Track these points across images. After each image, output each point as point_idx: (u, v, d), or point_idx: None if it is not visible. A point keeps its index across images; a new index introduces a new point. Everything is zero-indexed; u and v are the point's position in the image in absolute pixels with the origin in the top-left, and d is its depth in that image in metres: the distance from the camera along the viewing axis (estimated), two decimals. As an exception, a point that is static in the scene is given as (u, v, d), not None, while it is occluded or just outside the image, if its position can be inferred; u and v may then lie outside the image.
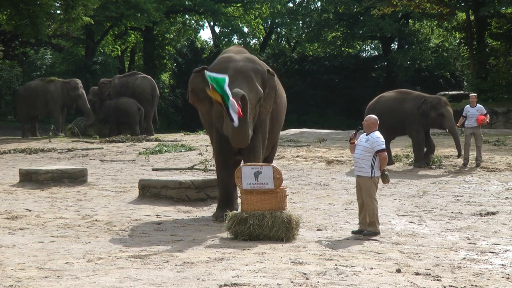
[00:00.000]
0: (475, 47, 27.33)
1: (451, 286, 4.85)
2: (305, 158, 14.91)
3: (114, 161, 15.35)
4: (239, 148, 8.02)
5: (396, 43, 42.86)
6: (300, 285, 4.72)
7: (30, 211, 8.57)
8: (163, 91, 36.24)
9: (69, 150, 17.80)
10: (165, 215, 8.50)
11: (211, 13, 40.29)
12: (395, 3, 26.76)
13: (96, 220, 8.01)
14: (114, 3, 33.49)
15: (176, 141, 20.24)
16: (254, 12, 42.19)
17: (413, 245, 6.56)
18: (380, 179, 7.19)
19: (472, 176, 11.95)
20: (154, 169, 13.55)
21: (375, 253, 6.07)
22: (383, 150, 7.14)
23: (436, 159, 13.45)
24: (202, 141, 19.33)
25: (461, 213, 8.57)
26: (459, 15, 29.60)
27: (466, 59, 30.01)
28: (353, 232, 7.16)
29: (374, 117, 7.41)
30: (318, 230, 7.45)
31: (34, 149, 17.92)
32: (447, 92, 28.73)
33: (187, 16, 43.76)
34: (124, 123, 23.12)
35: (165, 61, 42.04)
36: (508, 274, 5.30)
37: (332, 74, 40.97)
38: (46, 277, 4.98)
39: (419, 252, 6.17)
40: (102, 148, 18.34)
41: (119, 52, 43.62)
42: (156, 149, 17.29)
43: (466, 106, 13.16)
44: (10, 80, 32.08)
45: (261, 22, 44.27)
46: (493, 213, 8.47)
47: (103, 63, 36.90)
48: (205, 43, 49.56)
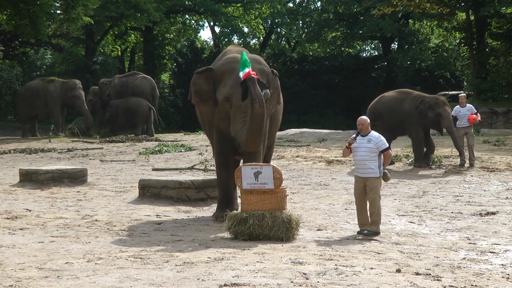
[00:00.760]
0: (475, 47, 27.33)
1: (451, 286, 4.85)
2: (305, 158, 14.91)
3: (114, 161, 15.35)
4: (239, 148, 8.02)
5: (396, 43, 42.86)
6: (300, 285, 4.72)
7: (30, 211, 8.57)
8: (163, 91, 36.24)
9: (69, 150, 17.80)
10: (165, 215, 8.50)
11: (211, 13, 40.28)
12: (395, 3, 26.76)
13: (96, 220, 8.01)
14: (114, 3, 33.48)
15: (176, 141, 20.25)
16: (254, 12, 42.17)
17: (413, 245, 6.56)
18: (382, 178, 7.23)
19: (472, 176, 11.95)
20: (154, 169, 13.55)
21: (375, 253, 6.07)
22: (388, 149, 7.23)
23: (436, 159, 13.45)
24: (202, 141, 19.33)
25: (461, 213, 8.57)
26: (459, 15, 29.60)
27: (466, 59, 30.01)
28: (359, 233, 7.16)
29: (365, 117, 7.48)
30: (318, 230, 7.45)
31: (34, 149, 17.93)
32: (447, 92, 28.71)
33: (187, 16, 43.75)
34: (135, 123, 23.03)
35: (165, 61, 42.03)
36: (508, 274, 5.30)
37: (332, 74, 40.96)
38: (46, 277, 4.98)
39: (419, 252, 6.17)
40: (102, 148, 18.34)
41: (119, 52, 43.61)
42: (156, 149, 17.29)
43: (456, 106, 13.13)
44: (10, 80, 32.06)
45: (261, 22, 44.25)
46: (493, 213, 8.47)
47: (103, 63, 36.89)
48: (205, 43, 49.56)
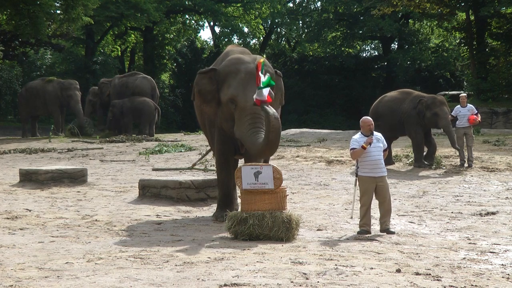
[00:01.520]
0: (475, 47, 27.33)
1: (451, 286, 4.85)
2: (305, 158, 14.91)
3: (114, 161, 15.35)
4: (240, 149, 8.03)
5: (396, 43, 42.86)
6: (300, 285, 4.72)
7: (30, 211, 8.57)
8: (163, 91, 36.24)
9: (69, 150, 17.80)
10: (165, 215, 8.50)
11: (211, 13, 40.29)
12: (395, 3, 26.75)
13: (96, 220, 8.01)
14: (114, 3, 33.50)
15: (176, 141, 20.26)
16: (254, 12, 42.19)
17: (413, 245, 6.56)
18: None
19: (472, 176, 11.95)
20: (154, 169, 13.55)
21: (375, 253, 6.07)
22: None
23: (436, 159, 13.45)
24: (202, 141, 19.32)
25: (461, 213, 8.57)
26: (459, 15, 29.60)
27: (466, 59, 30.01)
28: (360, 233, 7.17)
29: (370, 118, 7.56)
30: (318, 230, 7.45)
31: (34, 149, 17.93)
32: (447, 92, 28.71)
33: (187, 16, 43.77)
34: (140, 123, 23.02)
35: (165, 61, 42.04)
36: (508, 274, 5.30)
37: (332, 74, 40.96)
38: (46, 277, 4.98)
39: (419, 252, 6.17)
40: (102, 148, 18.34)
41: (119, 52, 43.62)
42: (156, 149, 17.30)
43: (456, 106, 13.14)
44: (10, 80, 32.09)
45: (261, 22, 44.27)
46: (493, 213, 8.47)
47: (103, 63, 36.89)
48: (205, 43, 49.57)
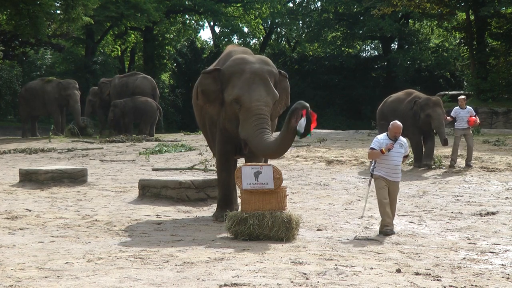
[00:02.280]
0: (475, 47, 27.33)
1: (451, 286, 4.85)
2: (305, 158, 14.91)
3: (114, 161, 15.35)
4: (240, 149, 8.04)
5: (396, 43, 42.87)
6: (300, 285, 4.72)
7: (30, 211, 8.57)
8: (163, 91, 36.25)
9: (69, 150, 17.80)
10: (165, 215, 8.50)
11: (211, 13, 40.29)
12: (395, 3, 26.76)
13: (96, 220, 8.01)
14: (114, 3, 33.49)
15: (176, 141, 20.26)
16: (254, 12, 42.18)
17: (413, 245, 6.56)
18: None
19: (472, 176, 11.95)
20: (154, 169, 13.55)
21: (375, 253, 6.07)
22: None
23: (436, 159, 13.46)
24: (202, 141, 19.31)
25: (461, 213, 8.57)
26: (459, 15, 29.59)
27: (466, 59, 30.00)
28: (383, 234, 7.17)
29: (399, 122, 7.47)
30: (318, 230, 7.45)
31: (34, 149, 17.93)
32: (447, 92, 28.72)
33: (187, 16, 43.76)
34: (142, 122, 23.01)
35: (165, 61, 42.04)
36: (508, 274, 5.30)
37: (332, 74, 40.97)
38: (46, 277, 4.98)
39: (419, 252, 6.17)
40: (102, 148, 18.34)
41: (119, 52, 43.62)
42: (156, 149, 17.30)
43: (455, 107, 13.15)
44: (10, 80, 32.07)
45: (261, 22, 44.26)
46: (493, 213, 8.47)
47: (103, 63, 36.90)
48: (205, 43, 49.59)
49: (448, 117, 13.08)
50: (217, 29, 46.37)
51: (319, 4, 43.59)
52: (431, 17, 33.53)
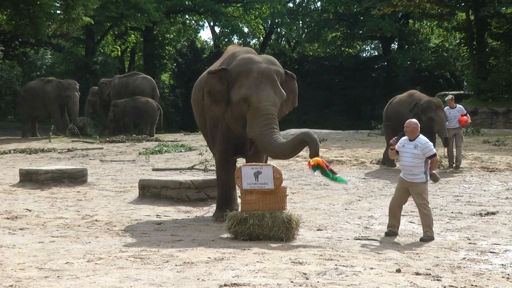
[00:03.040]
0: (475, 47, 27.33)
1: (451, 286, 4.85)
2: (305, 158, 14.88)
3: (114, 161, 15.35)
4: (241, 148, 8.05)
5: (396, 43, 42.87)
6: (300, 285, 4.72)
7: (30, 211, 8.57)
8: (163, 91, 36.26)
9: (69, 150, 17.80)
10: (165, 215, 8.50)
11: (211, 13, 40.28)
12: (395, 3, 26.75)
13: (96, 220, 8.01)
14: (114, 3, 33.49)
15: (176, 141, 20.26)
16: (254, 12, 42.17)
17: (413, 245, 6.56)
18: (431, 179, 7.20)
19: (472, 176, 11.95)
20: (154, 169, 13.55)
21: (375, 253, 6.07)
22: (435, 155, 7.09)
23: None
24: (202, 141, 19.31)
25: (461, 213, 8.57)
26: (459, 15, 29.60)
27: (466, 59, 30.01)
28: (386, 234, 7.12)
29: (414, 121, 7.29)
30: (318, 230, 7.45)
31: (34, 149, 17.92)
32: (447, 92, 28.72)
33: (187, 16, 43.76)
34: (142, 122, 23.01)
35: (165, 61, 42.04)
36: (508, 274, 5.30)
37: (332, 74, 40.98)
38: (46, 277, 4.98)
39: (419, 252, 6.18)
40: (102, 148, 18.34)
41: (119, 52, 43.62)
42: (156, 149, 17.29)
43: (445, 107, 13.13)
44: (10, 80, 32.09)
45: (261, 22, 44.26)
46: (493, 213, 8.47)
47: (103, 63, 36.90)
48: (205, 43, 49.60)
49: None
50: (217, 29, 46.42)
51: (319, 4, 43.62)
52: (431, 17, 33.51)
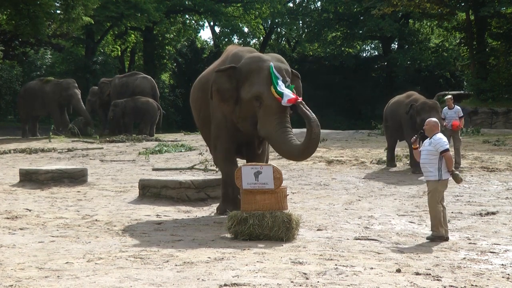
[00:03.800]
0: (475, 47, 27.34)
1: (451, 286, 4.85)
2: (307, 160, 14.90)
3: (114, 161, 15.35)
4: (241, 148, 8.04)
5: (396, 43, 42.87)
6: (300, 285, 4.72)
7: (30, 211, 8.57)
8: (163, 91, 36.24)
9: (69, 150, 17.80)
10: (165, 215, 8.50)
11: (211, 13, 40.28)
12: (395, 3, 26.76)
13: (96, 220, 8.01)
14: (114, 3, 33.49)
15: (176, 141, 20.25)
16: (254, 12, 42.17)
17: (413, 245, 6.56)
18: (453, 179, 7.13)
19: (472, 176, 11.94)
20: (154, 169, 13.55)
21: (375, 253, 6.07)
22: (447, 150, 7.01)
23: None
24: (202, 141, 19.28)
25: (461, 213, 8.57)
26: (459, 15, 29.60)
27: (466, 59, 30.01)
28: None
29: (434, 119, 7.28)
30: (318, 230, 7.44)
31: (34, 149, 17.91)
32: (447, 92, 28.72)
33: (187, 16, 43.76)
34: (142, 122, 23.01)
35: (165, 61, 42.04)
36: (508, 274, 5.30)
37: (332, 74, 40.97)
38: (46, 277, 4.98)
39: (419, 252, 6.18)
40: (102, 148, 18.34)
41: (119, 52, 43.62)
42: (156, 149, 17.29)
43: (444, 108, 13.13)
44: (10, 80, 32.09)
45: (261, 22, 44.26)
46: (493, 213, 8.47)
47: (103, 63, 36.91)
48: (205, 43, 49.59)
49: (444, 123, 12.98)
50: (217, 29, 46.42)
51: (319, 4, 43.60)
52: (431, 17, 33.49)
